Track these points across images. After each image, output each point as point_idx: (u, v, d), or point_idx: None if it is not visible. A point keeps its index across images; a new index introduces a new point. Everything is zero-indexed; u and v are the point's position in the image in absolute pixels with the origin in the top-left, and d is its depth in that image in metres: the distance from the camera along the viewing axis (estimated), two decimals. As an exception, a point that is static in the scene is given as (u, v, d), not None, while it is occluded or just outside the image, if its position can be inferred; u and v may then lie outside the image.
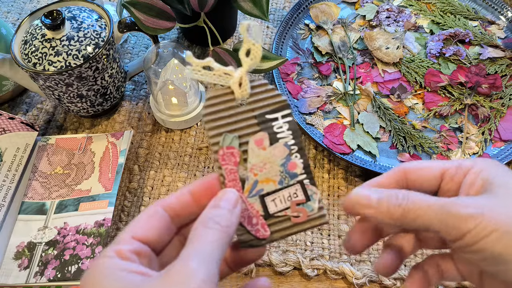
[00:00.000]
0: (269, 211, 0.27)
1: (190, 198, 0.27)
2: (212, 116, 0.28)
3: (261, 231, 0.27)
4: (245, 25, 0.27)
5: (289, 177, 0.28)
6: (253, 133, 0.28)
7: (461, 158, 0.49)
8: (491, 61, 0.57)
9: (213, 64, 0.27)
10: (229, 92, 0.28)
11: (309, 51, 0.59)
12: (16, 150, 0.49)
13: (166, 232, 0.27)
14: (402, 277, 0.43)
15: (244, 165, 0.27)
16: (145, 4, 0.48)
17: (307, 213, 0.27)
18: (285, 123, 0.28)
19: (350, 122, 0.52)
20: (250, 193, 0.27)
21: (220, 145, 0.27)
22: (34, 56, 0.47)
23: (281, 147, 0.28)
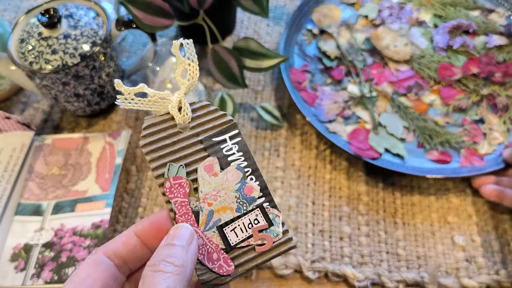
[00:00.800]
0: (231, 243, 0.25)
1: (137, 241, 0.24)
2: (153, 146, 0.25)
3: (224, 267, 0.24)
4: (177, 44, 0.25)
5: (247, 203, 0.25)
6: (201, 160, 0.25)
7: (488, 149, 0.48)
8: (498, 49, 0.57)
9: (146, 89, 0.25)
10: (169, 118, 0.26)
11: (316, 57, 0.58)
12: (12, 150, 0.49)
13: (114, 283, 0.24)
14: (404, 279, 0.42)
15: (196, 196, 0.25)
16: (143, 2, 0.47)
17: (272, 239, 0.25)
18: (234, 144, 0.26)
19: (372, 125, 0.51)
20: (206, 226, 0.25)
21: (166, 176, 0.25)
22: (31, 55, 0.47)
23: (233, 171, 0.25)
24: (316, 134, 0.53)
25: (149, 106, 0.25)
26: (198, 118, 0.26)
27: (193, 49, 0.25)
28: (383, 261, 0.44)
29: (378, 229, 0.46)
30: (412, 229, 0.46)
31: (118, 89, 0.24)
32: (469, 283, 0.41)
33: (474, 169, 0.47)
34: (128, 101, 0.25)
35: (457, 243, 0.45)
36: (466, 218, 0.46)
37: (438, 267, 0.43)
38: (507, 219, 0.46)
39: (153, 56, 0.51)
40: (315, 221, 0.46)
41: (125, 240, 0.24)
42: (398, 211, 0.47)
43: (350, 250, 0.44)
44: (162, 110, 0.26)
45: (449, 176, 0.46)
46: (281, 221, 0.25)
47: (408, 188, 0.49)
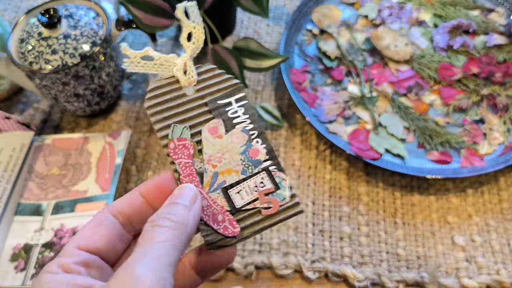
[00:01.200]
0: (236, 205, 0.24)
1: (142, 201, 0.25)
2: (157, 108, 0.25)
3: (229, 229, 0.24)
4: (181, 8, 0.24)
5: (253, 165, 0.25)
6: (205, 122, 0.25)
7: (488, 149, 0.48)
8: (498, 49, 0.57)
9: (152, 53, 0.25)
10: (174, 81, 0.26)
11: (316, 57, 0.58)
12: (12, 150, 0.49)
13: (118, 240, 0.24)
14: (404, 279, 0.42)
15: (200, 157, 0.25)
16: (143, 2, 0.47)
17: (279, 203, 0.25)
18: (240, 107, 0.26)
19: (372, 126, 0.51)
20: (211, 187, 0.25)
21: (170, 137, 0.25)
22: (31, 55, 0.47)
23: (239, 133, 0.25)
24: (316, 134, 0.53)
25: (155, 69, 0.26)
26: (204, 81, 0.26)
27: (197, 12, 0.25)
28: (383, 261, 0.44)
29: (378, 229, 0.46)
30: (412, 229, 0.46)
31: (124, 52, 0.25)
32: (469, 283, 0.41)
33: (475, 169, 0.47)
34: (134, 64, 0.25)
35: (457, 243, 0.44)
36: (466, 218, 0.46)
37: (438, 267, 0.43)
38: (507, 219, 0.46)
39: (153, 56, 0.51)
40: (315, 221, 0.46)
41: (131, 200, 0.25)
42: (398, 211, 0.47)
43: (350, 250, 0.44)
44: (167, 73, 0.26)
45: (449, 176, 0.46)
46: (288, 185, 0.25)
47: (408, 188, 0.49)
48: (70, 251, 0.23)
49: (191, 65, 0.26)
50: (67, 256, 0.23)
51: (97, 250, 0.23)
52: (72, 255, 0.23)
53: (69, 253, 0.23)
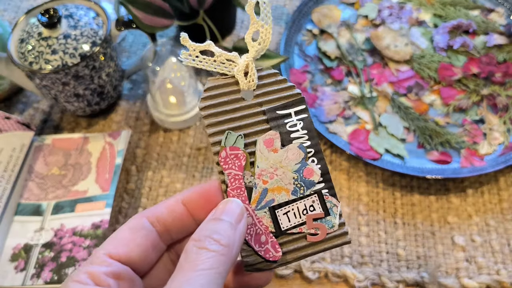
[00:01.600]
0: (281, 227, 0.23)
1: (183, 209, 0.23)
2: (212, 110, 0.23)
3: (271, 252, 0.22)
4: (252, 3, 0.22)
5: (305, 186, 0.23)
6: (261, 132, 0.23)
7: (488, 149, 0.48)
8: (498, 49, 0.57)
9: (213, 48, 0.23)
10: (233, 82, 0.24)
11: (316, 57, 0.58)
12: (12, 150, 0.49)
13: (153, 251, 0.22)
14: (404, 279, 0.42)
15: (251, 170, 0.23)
16: (143, 2, 0.47)
17: (327, 230, 0.23)
18: (299, 120, 0.24)
19: (372, 126, 0.51)
20: (258, 205, 0.23)
21: (222, 145, 0.23)
22: (31, 55, 0.47)
23: (295, 149, 0.23)
24: (316, 134, 0.53)
25: (214, 67, 0.23)
26: (264, 87, 0.24)
27: (269, 9, 0.23)
28: (383, 261, 0.44)
29: (378, 229, 0.46)
30: (412, 229, 0.46)
31: (183, 43, 0.23)
32: (469, 283, 0.41)
33: (475, 169, 0.47)
34: (192, 57, 0.23)
35: (457, 243, 0.44)
36: (466, 218, 0.46)
37: (438, 267, 0.43)
38: (507, 219, 0.46)
39: (153, 56, 0.51)
40: (315, 221, 0.46)
41: (171, 207, 0.23)
42: (398, 211, 0.47)
43: (350, 250, 0.44)
44: (227, 72, 0.24)
45: (449, 176, 0.46)
46: (339, 212, 0.23)
47: (408, 188, 0.49)
48: (100, 259, 0.21)
49: (253, 67, 0.24)
50: (97, 264, 0.21)
51: (129, 260, 0.21)
52: (103, 263, 0.21)
53: (100, 261, 0.21)
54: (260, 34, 0.24)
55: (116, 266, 0.21)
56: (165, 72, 0.50)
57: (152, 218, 0.23)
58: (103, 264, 0.21)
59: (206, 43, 0.23)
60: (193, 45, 0.23)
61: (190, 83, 0.52)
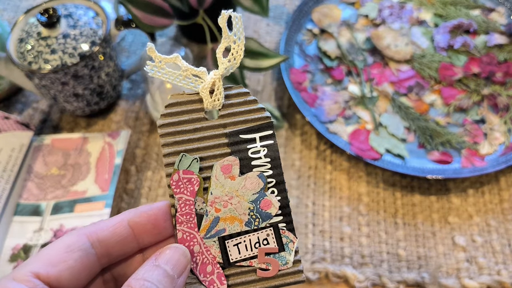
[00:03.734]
0: (230, 259, 0.22)
1: (129, 232, 0.21)
2: (170, 129, 0.22)
3: (215, 283, 0.21)
4: (225, 16, 0.21)
5: (260, 218, 0.22)
6: (220, 156, 0.22)
7: (489, 149, 0.48)
8: (499, 48, 0.57)
9: (180, 61, 0.22)
10: (197, 99, 0.22)
11: (316, 57, 0.58)
12: (11, 150, 0.48)
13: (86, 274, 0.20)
14: (405, 280, 0.42)
15: (204, 197, 0.22)
16: (143, 1, 0.47)
17: (279, 267, 0.22)
18: (264, 147, 0.22)
19: (373, 125, 0.51)
20: (207, 233, 0.22)
21: (175, 167, 0.22)
22: (30, 55, 0.47)
23: (254, 178, 0.22)
24: (316, 134, 0.53)
25: (179, 81, 0.22)
26: (231, 107, 0.22)
27: (241, 24, 0.22)
28: (384, 262, 0.43)
29: (379, 229, 0.46)
30: (413, 229, 0.46)
31: (149, 53, 0.22)
32: (470, 284, 0.41)
33: (475, 169, 0.47)
34: (158, 70, 0.22)
35: (458, 243, 0.44)
36: (466, 218, 0.46)
37: (439, 267, 0.43)
38: (508, 219, 0.46)
39: (153, 55, 0.51)
40: (316, 222, 0.46)
41: (116, 228, 0.21)
42: (398, 212, 0.47)
43: (350, 250, 0.44)
44: (192, 89, 0.22)
45: (450, 176, 0.46)
46: (295, 249, 0.22)
47: (409, 189, 0.48)
48: (24, 277, 0.18)
49: (221, 85, 0.22)
50: (19, 281, 0.18)
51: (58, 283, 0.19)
52: (27, 283, 0.18)
53: (23, 279, 0.18)
54: (232, 51, 0.22)
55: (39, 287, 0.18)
56: (165, 72, 0.50)
57: (93, 238, 0.21)
58: (28, 284, 0.18)
59: (173, 55, 0.22)
60: (160, 56, 0.22)
61: (190, 83, 0.51)
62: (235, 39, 0.22)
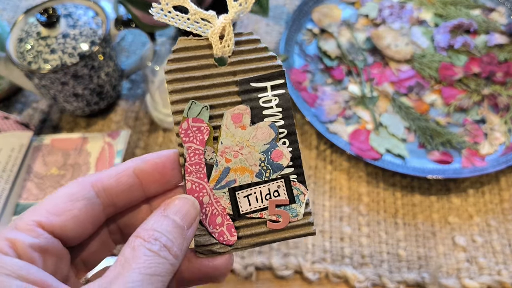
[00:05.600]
0: (240, 210, 0.21)
1: (134, 180, 0.20)
2: (178, 75, 0.21)
3: (225, 235, 0.21)
4: None
5: (272, 170, 0.21)
6: (230, 105, 0.21)
7: (489, 149, 0.48)
8: (499, 48, 0.57)
9: (188, 4, 0.21)
10: (206, 45, 0.22)
11: (316, 57, 0.58)
12: (11, 150, 0.48)
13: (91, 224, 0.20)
14: (405, 280, 0.42)
15: (214, 146, 0.21)
16: (142, 1, 0.47)
17: (289, 219, 0.21)
18: (275, 96, 0.22)
19: (373, 125, 0.51)
20: (217, 184, 0.21)
21: (184, 115, 0.21)
22: (29, 55, 0.47)
23: (265, 128, 0.21)
24: (316, 134, 0.52)
25: (187, 25, 0.21)
26: (241, 54, 0.22)
27: None
28: (384, 262, 0.43)
29: (379, 229, 0.46)
30: (413, 229, 0.46)
31: None
32: (470, 284, 0.41)
33: (476, 169, 0.47)
34: (164, 13, 0.21)
35: (458, 243, 0.44)
36: (467, 218, 0.46)
37: (439, 267, 0.43)
38: (508, 220, 0.46)
39: (153, 55, 0.51)
40: (316, 222, 0.46)
41: (121, 176, 0.20)
42: (398, 212, 0.47)
43: (350, 250, 0.44)
44: (200, 33, 0.22)
45: (450, 176, 0.46)
46: (306, 201, 0.22)
47: (409, 189, 0.48)
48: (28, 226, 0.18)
49: (231, 31, 0.21)
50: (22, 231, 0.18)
51: (62, 232, 0.19)
52: (30, 232, 0.18)
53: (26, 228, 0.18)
54: None
55: (44, 238, 0.18)
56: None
57: (98, 186, 0.20)
58: (30, 234, 0.18)
59: None
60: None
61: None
62: None
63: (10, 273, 0.16)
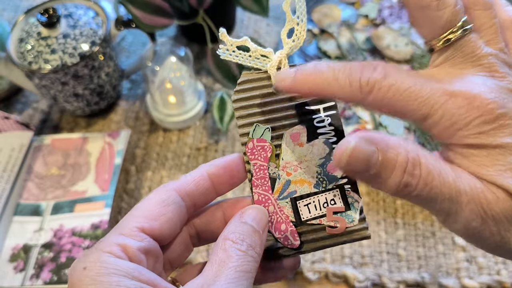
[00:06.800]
0: (301, 218, 0.24)
1: (209, 183, 0.23)
2: (243, 103, 0.24)
3: (289, 240, 0.24)
4: (289, 1, 0.23)
5: (328, 181, 0.24)
6: (289, 126, 0.24)
7: None
8: None
9: (249, 44, 0.24)
10: (266, 77, 0.25)
11: (316, 57, 0.58)
12: (11, 150, 0.48)
13: (180, 224, 0.23)
14: (405, 280, 0.42)
15: (276, 162, 0.24)
16: (143, 1, 0.47)
17: (346, 224, 0.24)
18: (327, 116, 0.25)
19: (373, 126, 0.51)
20: (280, 195, 0.24)
21: (250, 136, 0.24)
22: (30, 55, 0.47)
23: (320, 144, 0.24)
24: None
25: (249, 61, 0.25)
26: None
27: (304, 8, 0.24)
28: (384, 262, 0.44)
29: (379, 229, 0.46)
30: (413, 229, 0.46)
31: (222, 38, 0.24)
32: (469, 284, 0.41)
33: (475, 169, 0.47)
34: (229, 52, 0.25)
35: (458, 243, 0.44)
36: (466, 218, 0.46)
37: (439, 267, 0.43)
38: (508, 220, 0.46)
39: (153, 55, 0.51)
40: (315, 222, 0.46)
41: (198, 181, 0.23)
42: (398, 212, 0.47)
43: (350, 250, 0.44)
44: (261, 67, 0.25)
45: (450, 176, 0.46)
46: (360, 207, 0.24)
47: (409, 188, 0.48)
48: (133, 232, 0.20)
49: (286, 63, 0.25)
50: (129, 236, 0.20)
51: (160, 235, 0.21)
52: (135, 237, 0.20)
53: (132, 233, 0.20)
54: (295, 32, 0.24)
55: (148, 241, 0.20)
56: (165, 72, 0.50)
57: (182, 192, 0.23)
58: (136, 238, 0.20)
59: (243, 39, 0.24)
60: (231, 40, 0.24)
61: (190, 83, 0.51)
62: (297, 21, 0.24)
63: (126, 274, 0.18)
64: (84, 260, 0.19)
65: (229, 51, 0.24)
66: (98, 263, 0.18)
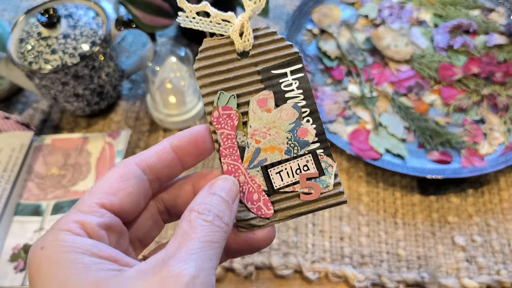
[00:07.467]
0: (274, 186, 0.23)
1: (173, 156, 0.22)
2: (206, 71, 0.24)
3: (262, 209, 0.23)
4: None
5: (299, 146, 0.23)
6: (255, 92, 0.23)
7: (488, 149, 0.49)
8: (498, 48, 0.57)
9: (209, 8, 0.24)
10: (228, 42, 0.24)
11: (316, 57, 0.58)
12: (11, 150, 0.49)
13: (143, 200, 0.22)
14: (404, 279, 0.42)
15: (244, 130, 0.23)
16: (143, 1, 0.47)
17: (321, 190, 0.23)
18: (295, 79, 0.23)
19: (373, 126, 0.51)
20: (250, 164, 0.23)
21: (215, 105, 0.23)
22: (30, 55, 0.47)
23: (289, 109, 0.23)
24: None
25: (210, 27, 0.24)
26: (260, 46, 0.24)
27: None
28: (384, 262, 0.44)
29: (379, 229, 0.46)
30: (413, 229, 0.46)
31: (180, 5, 0.23)
32: (469, 284, 0.41)
33: (475, 169, 0.47)
34: (189, 19, 0.24)
35: (458, 243, 0.44)
36: (466, 218, 0.46)
37: (439, 267, 0.43)
38: (507, 219, 0.46)
39: (153, 56, 0.51)
40: (315, 221, 0.46)
41: (161, 154, 0.22)
42: (398, 211, 0.47)
43: (350, 250, 0.44)
44: (222, 33, 0.24)
45: (450, 176, 0.46)
46: (334, 172, 0.23)
47: (409, 188, 0.48)
48: (92, 208, 0.20)
49: (249, 27, 0.24)
50: (88, 213, 0.19)
51: (121, 209, 0.20)
52: (95, 213, 0.19)
53: (91, 210, 0.19)
54: None
55: (108, 217, 0.20)
56: (165, 72, 0.50)
57: (143, 165, 0.22)
58: (95, 214, 0.19)
59: (202, 4, 0.23)
60: (190, 6, 0.23)
61: (190, 83, 0.51)
62: None
63: (84, 251, 0.18)
64: (42, 240, 0.19)
65: (188, 18, 0.24)
66: (55, 241, 0.18)
